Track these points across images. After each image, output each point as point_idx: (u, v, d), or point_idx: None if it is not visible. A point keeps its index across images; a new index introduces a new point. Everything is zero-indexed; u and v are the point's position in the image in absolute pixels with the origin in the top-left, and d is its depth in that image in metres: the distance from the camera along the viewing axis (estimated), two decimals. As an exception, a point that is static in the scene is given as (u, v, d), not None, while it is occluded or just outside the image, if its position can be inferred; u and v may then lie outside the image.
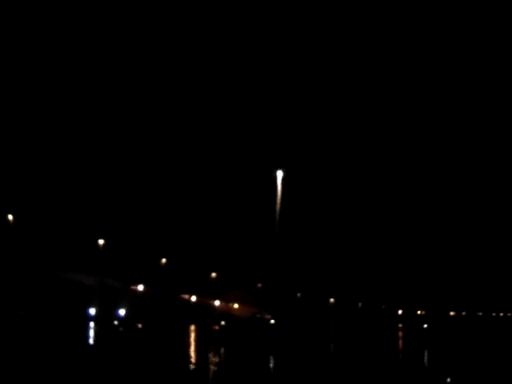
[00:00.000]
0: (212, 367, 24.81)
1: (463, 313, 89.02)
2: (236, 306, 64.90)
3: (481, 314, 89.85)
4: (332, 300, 73.90)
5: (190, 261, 61.23)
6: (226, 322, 57.36)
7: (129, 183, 59.78)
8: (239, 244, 61.92)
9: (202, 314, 61.55)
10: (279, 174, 54.02)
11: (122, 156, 60.21)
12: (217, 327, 55.10)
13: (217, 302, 64.18)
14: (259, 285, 66.50)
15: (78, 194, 58.49)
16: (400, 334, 61.28)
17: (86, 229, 58.29)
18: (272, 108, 64.99)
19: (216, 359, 28.19)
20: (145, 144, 61.35)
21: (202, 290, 62.56)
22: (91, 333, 44.37)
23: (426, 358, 32.22)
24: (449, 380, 22.08)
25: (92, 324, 51.06)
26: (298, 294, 70.84)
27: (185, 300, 63.03)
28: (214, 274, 63.36)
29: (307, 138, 66.72)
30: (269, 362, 27.58)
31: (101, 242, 58.87)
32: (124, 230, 59.38)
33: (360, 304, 77.00)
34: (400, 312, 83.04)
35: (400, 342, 48.72)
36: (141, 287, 60.89)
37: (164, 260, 60.98)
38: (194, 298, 63.34)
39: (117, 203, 59.46)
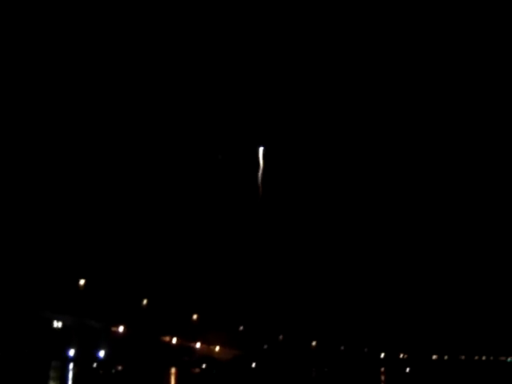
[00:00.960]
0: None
1: (445, 356, 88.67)
2: (217, 348, 64.35)
3: (463, 357, 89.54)
4: (314, 343, 73.49)
5: (172, 302, 60.75)
6: (206, 365, 56.83)
7: (110, 223, 59.43)
8: (221, 285, 61.57)
9: (183, 357, 61.01)
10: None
11: (101, 192, 59.95)
12: (197, 370, 54.56)
13: (198, 345, 63.64)
14: (241, 327, 66.06)
15: (59, 233, 58.06)
16: (382, 377, 60.88)
17: (66, 268, 57.78)
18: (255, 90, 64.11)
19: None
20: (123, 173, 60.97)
21: (183, 332, 62.06)
22: (70, 374, 43.76)
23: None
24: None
25: (71, 365, 50.44)
26: (280, 337, 70.38)
27: (166, 342, 62.44)
28: (195, 316, 62.88)
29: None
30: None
31: (81, 282, 58.39)
32: (105, 271, 58.87)
33: (342, 347, 76.58)
34: (382, 355, 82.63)
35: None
36: (121, 328, 60.27)
37: (145, 301, 60.50)
38: (174, 340, 62.75)
39: (97, 243, 59.02)
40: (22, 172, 57.97)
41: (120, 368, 50.71)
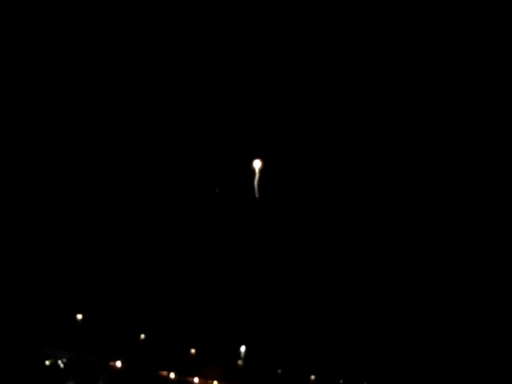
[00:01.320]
0: None
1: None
2: (215, 383, 64.24)
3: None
4: (313, 377, 73.17)
5: (169, 337, 60.68)
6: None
7: (107, 257, 59.52)
8: (218, 319, 61.47)
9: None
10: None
11: (95, 226, 60.06)
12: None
13: (196, 379, 63.51)
14: (239, 361, 65.81)
15: (56, 268, 58.14)
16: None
17: (63, 303, 57.82)
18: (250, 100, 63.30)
19: None
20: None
21: (180, 367, 61.95)
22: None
23: None
24: None
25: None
26: (279, 371, 70.10)
27: (163, 377, 62.35)
28: (193, 351, 62.79)
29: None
30: None
31: (79, 316, 58.47)
32: (102, 305, 58.87)
33: (341, 381, 76.21)
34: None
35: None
36: (119, 363, 60.21)
37: (143, 336, 60.47)
38: (172, 375, 62.65)
39: (95, 278, 59.07)
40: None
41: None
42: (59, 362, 56.33)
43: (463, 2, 63.84)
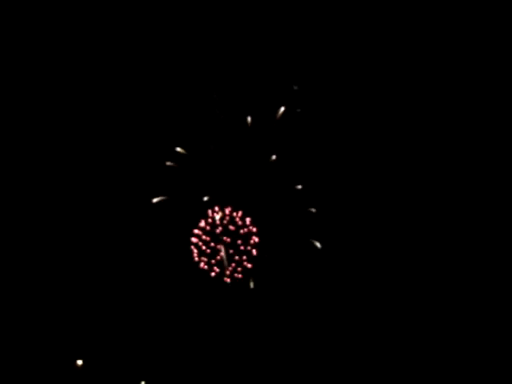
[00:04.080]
0: None
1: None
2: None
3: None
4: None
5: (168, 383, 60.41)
6: None
7: (108, 303, 59.61)
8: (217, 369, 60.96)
9: None
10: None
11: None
12: None
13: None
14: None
15: (56, 313, 58.42)
16: None
17: (63, 349, 58.05)
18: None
19: None
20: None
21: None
22: None
23: None
24: None
25: None
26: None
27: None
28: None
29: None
30: None
31: (79, 362, 58.47)
32: (102, 352, 58.92)
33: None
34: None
35: None
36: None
37: (143, 383, 60.26)
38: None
39: (95, 324, 59.19)
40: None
41: None
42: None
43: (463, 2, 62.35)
